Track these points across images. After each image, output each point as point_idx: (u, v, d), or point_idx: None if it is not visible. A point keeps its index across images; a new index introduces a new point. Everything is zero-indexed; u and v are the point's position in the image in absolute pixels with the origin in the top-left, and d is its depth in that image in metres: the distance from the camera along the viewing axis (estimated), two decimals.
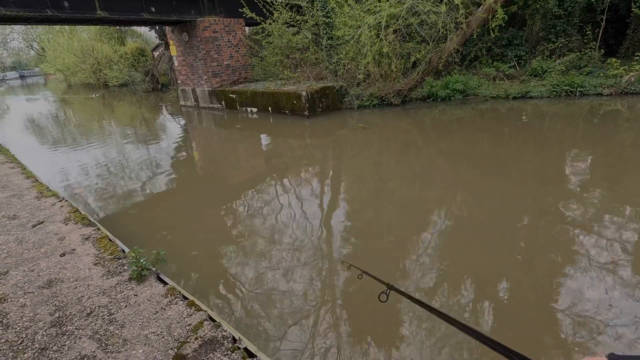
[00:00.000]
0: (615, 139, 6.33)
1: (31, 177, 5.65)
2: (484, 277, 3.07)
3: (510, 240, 3.60)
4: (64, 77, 30.83)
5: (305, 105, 9.51)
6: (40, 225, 3.86)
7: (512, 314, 2.68)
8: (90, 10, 9.12)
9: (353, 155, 6.91)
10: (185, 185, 6.05)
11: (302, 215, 4.42)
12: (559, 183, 4.78)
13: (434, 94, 10.06)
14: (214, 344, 2.11)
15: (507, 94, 9.66)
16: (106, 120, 13.45)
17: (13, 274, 2.97)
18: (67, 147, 8.99)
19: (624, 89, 8.64)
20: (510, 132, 7.25)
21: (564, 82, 9.20)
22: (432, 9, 9.06)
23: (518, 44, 11.29)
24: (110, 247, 3.32)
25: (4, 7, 7.88)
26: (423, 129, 8.16)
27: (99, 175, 6.54)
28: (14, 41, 45.52)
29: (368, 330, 2.61)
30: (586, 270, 2.99)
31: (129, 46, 23.26)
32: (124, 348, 2.14)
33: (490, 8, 9.34)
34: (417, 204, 4.63)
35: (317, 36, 11.66)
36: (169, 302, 2.52)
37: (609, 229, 3.56)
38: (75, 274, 2.94)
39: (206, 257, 3.74)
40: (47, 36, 32.91)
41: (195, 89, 13.12)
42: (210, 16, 11.65)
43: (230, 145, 8.57)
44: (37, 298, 2.65)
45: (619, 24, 10.79)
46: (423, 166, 6.00)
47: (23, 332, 2.31)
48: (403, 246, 3.67)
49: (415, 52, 9.96)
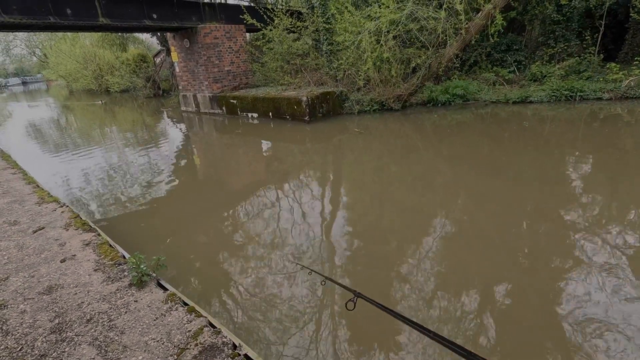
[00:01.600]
0: (615, 143, 6.33)
1: (32, 182, 5.66)
2: (485, 281, 3.06)
3: (511, 244, 3.59)
4: (66, 84, 31.06)
5: (305, 110, 9.55)
6: (41, 231, 3.86)
7: (513, 318, 2.67)
8: (92, 17, 9.21)
9: (354, 160, 6.92)
10: (185, 191, 6.06)
11: (302, 220, 4.42)
12: (560, 187, 4.77)
13: (434, 99, 10.10)
14: (214, 350, 2.10)
15: (507, 99, 9.68)
16: (107, 126, 13.51)
17: (13, 280, 2.97)
18: (68, 153, 9.02)
19: (624, 94, 8.67)
20: (510, 137, 7.26)
21: (563, 86, 9.22)
22: (431, 15, 9.12)
23: (517, 49, 11.35)
24: (110, 252, 3.31)
25: (7, 14, 7.96)
26: (423, 133, 8.17)
27: (99, 181, 6.55)
28: (17, 48, 45.86)
29: (369, 335, 2.60)
30: (588, 275, 2.98)
31: (130, 52, 23.44)
32: (124, 354, 2.13)
33: (489, 14, 9.40)
34: (418, 208, 4.62)
35: (317, 42, 11.75)
36: (169, 308, 2.51)
37: (611, 233, 3.55)
38: (75, 280, 2.93)
39: (206, 263, 3.73)
40: (50, 43, 33.25)
41: (196, 94, 13.18)
42: (212, 22, 11.74)
43: (231, 150, 8.59)
44: (37, 304, 2.64)
45: (617, 29, 10.84)
46: (424, 171, 6.00)
47: (23, 338, 2.31)
48: (404, 251, 3.66)
49: (415, 58, 10.01)
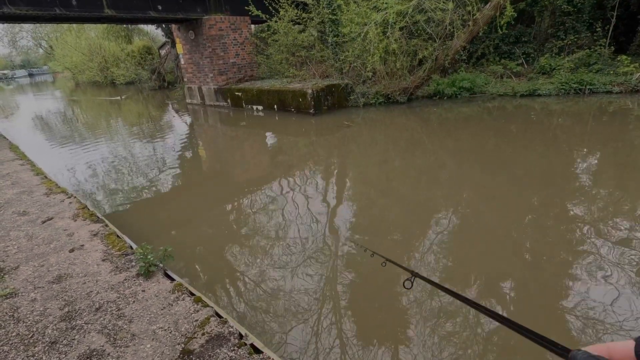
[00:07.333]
0: (625, 137, 6.24)
1: (40, 174, 5.72)
2: (490, 275, 3.05)
3: (517, 238, 3.57)
4: (72, 75, 31.16)
5: (310, 103, 9.50)
6: (49, 221, 3.91)
7: (518, 314, 2.67)
8: (98, 8, 9.20)
9: (359, 154, 6.89)
10: (191, 183, 6.09)
11: (307, 212, 4.42)
12: (567, 182, 4.73)
13: (441, 92, 9.99)
14: (220, 339, 2.13)
15: (514, 92, 9.56)
16: (113, 118, 13.57)
17: (23, 269, 3.02)
18: (75, 144, 9.09)
19: (635, 87, 8.52)
20: (517, 130, 7.18)
21: (572, 79, 9.08)
22: (439, 6, 8.99)
23: (526, 41, 11.17)
24: (118, 243, 3.35)
25: (14, 6, 7.98)
26: (429, 127, 8.11)
27: (106, 172, 6.60)
28: (23, 39, 46.02)
29: (373, 327, 2.61)
30: (594, 270, 2.96)
31: (135, 44, 23.45)
32: (132, 342, 2.16)
33: (498, 5, 9.24)
34: (423, 201, 4.61)
35: (323, 34, 11.63)
36: (176, 298, 2.54)
37: (618, 228, 3.52)
38: (84, 269, 2.97)
39: (213, 253, 3.77)
40: (56, 34, 33.29)
41: (201, 86, 13.17)
42: (217, 14, 11.67)
43: (236, 142, 8.60)
44: (47, 293, 2.69)
45: (629, 20, 10.60)
46: (429, 164, 5.97)
47: (33, 326, 2.35)
48: (408, 243, 3.66)
49: (421, 50, 9.90)
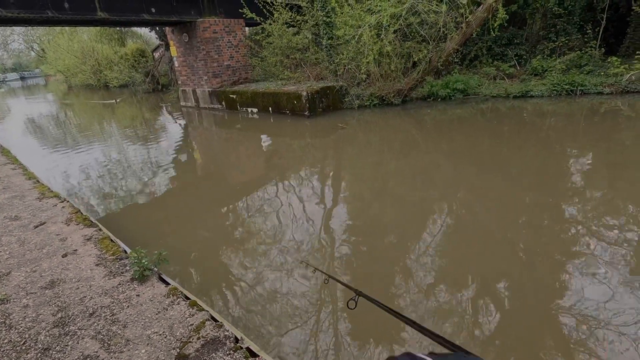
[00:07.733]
0: (616, 137, 6.32)
1: (32, 178, 5.66)
2: (485, 276, 3.07)
3: (511, 238, 3.60)
4: (65, 79, 30.88)
5: (305, 105, 9.51)
6: (42, 226, 3.87)
7: (513, 314, 2.68)
8: (90, 11, 9.13)
9: (354, 155, 6.91)
10: (186, 186, 6.06)
11: (302, 215, 4.42)
12: (560, 181, 4.77)
13: (435, 94, 10.05)
14: (216, 343, 2.12)
15: (507, 93, 9.65)
16: (106, 121, 13.47)
17: (15, 275, 2.98)
18: (67, 148, 9.00)
19: (625, 88, 8.63)
20: (511, 131, 7.24)
21: (564, 81, 9.18)
22: (432, 8, 9.06)
23: (518, 43, 11.28)
24: (112, 247, 3.32)
25: (5, 9, 7.89)
26: (424, 128, 8.15)
27: (100, 176, 6.55)
28: (15, 43, 45.49)
29: (370, 328, 2.61)
30: (588, 270, 2.99)
31: (129, 47, 23.28)
32: (127, 348, 2.14)
33: (490, 7, 9.33)
34: (417, 202, 4.63)
35: (317, 36, 11.66)
36: (171, 302, 2.52)
37: (611, 227, 3.56)
38: (77, 274, 2.94)
39: (207, 257, 3.75)
40: (48, 37, 32.94)
41: (195, 89, 13.12)
42: (210, 17, 11.65)
43: (231, 145, 8.57)
44: (39, 299, 2.65)
45: (619, 22, 10.76)
46: (423, 165, 6.00)
47: (26, 332, 2.32)
48: (404, 245, 3.67)
49: (415, 52, 9.95)
